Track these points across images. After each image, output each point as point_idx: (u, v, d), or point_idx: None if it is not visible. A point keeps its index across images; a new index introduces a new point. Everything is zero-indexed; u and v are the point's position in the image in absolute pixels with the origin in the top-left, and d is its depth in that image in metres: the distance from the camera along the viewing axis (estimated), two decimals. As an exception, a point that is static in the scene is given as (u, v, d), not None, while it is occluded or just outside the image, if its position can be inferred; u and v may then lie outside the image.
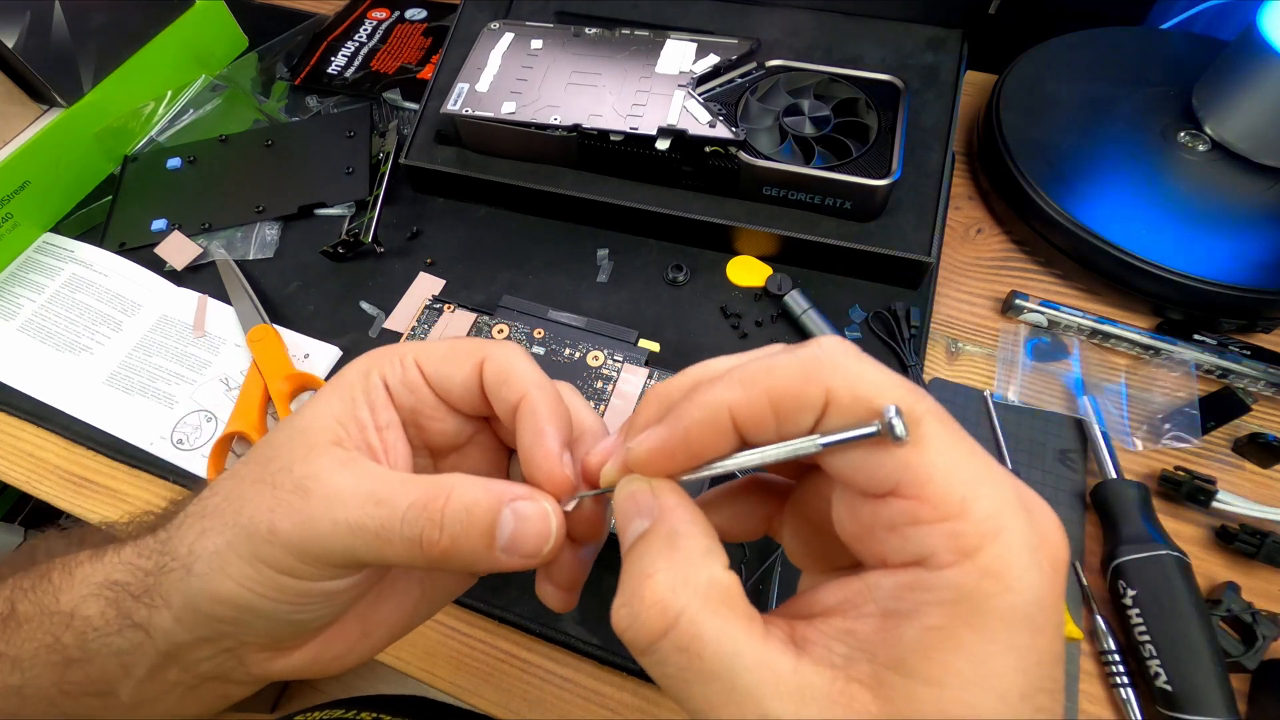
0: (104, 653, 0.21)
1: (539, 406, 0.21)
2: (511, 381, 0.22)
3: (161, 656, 0.21)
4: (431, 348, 0.23)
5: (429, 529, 0.19)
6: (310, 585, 0.20)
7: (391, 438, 0.22)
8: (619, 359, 0.43)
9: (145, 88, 0.58)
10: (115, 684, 0.22)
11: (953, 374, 0.46)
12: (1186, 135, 0.49)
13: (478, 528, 0.19)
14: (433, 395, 0.23)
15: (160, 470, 0.44)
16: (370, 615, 0.23)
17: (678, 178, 0.49)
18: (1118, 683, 0.35)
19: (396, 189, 0.55)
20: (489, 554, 0.19)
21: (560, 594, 0.22)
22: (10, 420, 0.47)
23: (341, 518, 0.19)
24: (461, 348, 0.23)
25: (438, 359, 0.23)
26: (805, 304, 0.46)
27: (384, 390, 0.22)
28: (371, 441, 0.21)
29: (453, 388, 0.23)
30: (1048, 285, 0.50)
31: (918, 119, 0.49)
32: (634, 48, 0.51)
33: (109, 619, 0.21)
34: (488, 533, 0.19)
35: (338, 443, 0.21)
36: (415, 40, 0.65)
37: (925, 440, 0.15)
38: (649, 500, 0.18)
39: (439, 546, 0.19)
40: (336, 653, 0.23)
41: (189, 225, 0.54)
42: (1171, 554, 0.36)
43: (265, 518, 0.19)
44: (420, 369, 0.23)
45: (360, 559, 0.20)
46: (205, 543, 0.20)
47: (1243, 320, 0.45)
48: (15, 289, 0.52)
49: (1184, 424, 0.42)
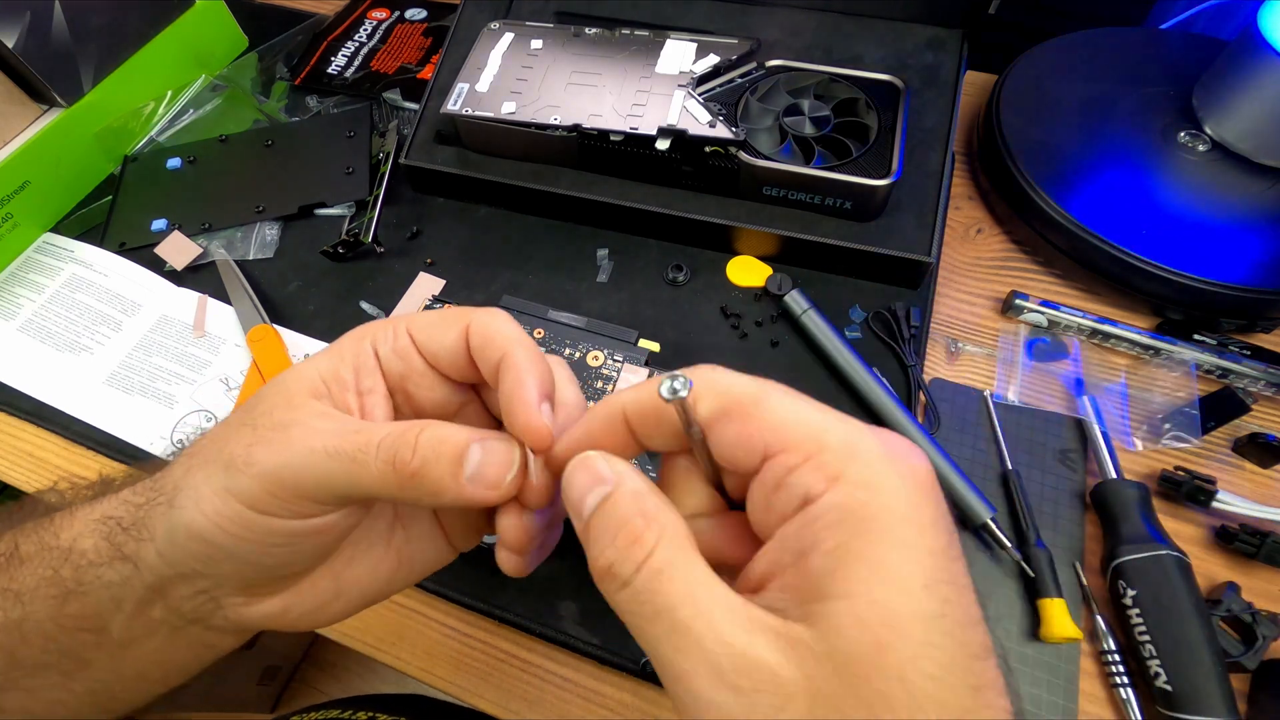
0: (97, 585, 0.22)
1: (520, 360, 0.22)
2: (495, 341, 0.22)
3: (148, 590, 0.22)
4: (422, 316, 0.24)
5: (403, 449, 0.20)
6: (276, 523, 0.21)
7: (371, 403, 0.23)
8: (619, 359, 0.43)
9: (145, 88, 0.58)
10: (107, 619, 0.22)
11: (953, 374, 0.46)
12: (1186, 135, 0.49)
13: (447, 455, 0.20)
14: (422, 362, 0.23)
15: (160, 470, 0.44)
16: (343, 573, 0.24)
17: (678, 178, 0.49)
18: (1118, 683, 0.35)
19: (396, 189, 0.55)
20: (455, 482, 0.20)
21: (513, 557, 0.23)
22: (10, 420, 0.47)
23: (319, 444, 0.20)
24: (449, 314, 0.24)
25: (427, 325, 0.23)
26: (805, 304, 0.46)
27: (373, 356, 0.23)
28: (350, 403, 0.22)
29: (441, 352, 0.23)
30: (1048, 285, 0.50)
31: (918, 119, 0.49)
32: (634, 48, 0.51)
33: (101, 551, 0.22)
34: (456, 459, 0.20)
35: (318, 397, 0.22)
36: (415, 40, 0.65)
37: (776, 406, 0.18)
38: (606, 468, 0.19)
39: (409, 468, 0.20)
40: (307, 607, 0.23)
41: (189, 225, 0.54)
42: (1171, 554, 0.36)
43: (243, 451, 0.21)
44: (411, 336, 0.23)
45: (334, 488, 0.20)
46: (187, 478, 0.21)
47: (1243, 320, 0.45)
48: (15, 289, 0.52)
49: (1184, 424, 0.42)
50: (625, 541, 0.17)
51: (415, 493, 0.20)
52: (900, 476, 0.16)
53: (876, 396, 0.42)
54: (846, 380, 0.44)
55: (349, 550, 0.24)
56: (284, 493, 0.20)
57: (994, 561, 0.39)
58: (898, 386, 0.44)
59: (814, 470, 0.17)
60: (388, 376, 0.24)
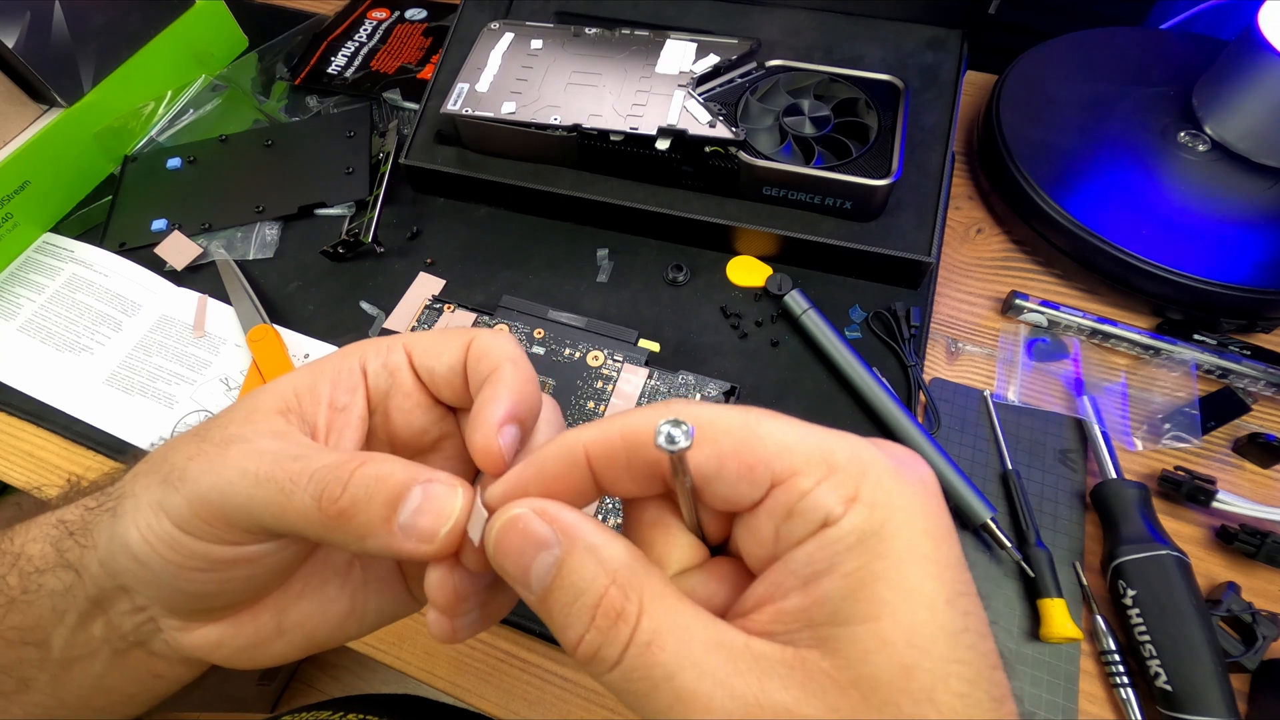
0: (40, 593, 0.21)
1: (504, 374, 0.20)
2: (490, 355, 0.21)
3: (89, 602, 0.21)
4: (424, 334, 0.23)
5: (333, 484, 0.18)
6: (200, 546, 0.19)
7: (343, 420, 0.22)
8: (619, 359, 0.43)
9: (145, 88, 0.58)
10: (49, 631, 0.21)
11: (953, 374, 0.46)
12: (1186, 135, 0.49)
13: (382, 495, 0.18)
14: (413, 379, 0.22)
15: (160, 470, 0.44)
16: (288, 610, 0.22)
17: (678, 178, 0.49)
18: (1118, 683, 0.35)
19: (396, 189, 0.55)
20: (385, 527, 0.18)
21: (441, 619, 0.19)
22: (10, 420, 0.47)
23: (251, 467, 0.18)
24: (453, 331, 0.22)
25: (427, 342, 0.22)
26: (805, 304, 0.46)
27: (358, 372, 0.22)
28: (318, 420, 0.21)
29: (438, 368, 0.22)
30: (1048, 285, 0.50)
31: (918, 119, 0.49)
32: (634, 48, 0.51)
33: (47, 557, 0.21)
34: (390, 503, 0.18)
35: (282, 412, 0.20)
36: (415, 40, 0.65)
37: (774, 431, 0.16)
38: (546, 529, 0.16)
39: (336, 506, 0.17)
40: (244, 642, 0.21)
41: (189, 225, 0.54)
42: (1171, 554, 0.36)
43: (181, 464, 0.19)
44: (408, 352, 0.22)
45: (258, 517, 0.18)
46: (133, 484, 0.20)
47: (1243, 320, 0.45)
48: (15, 289, 0.52)
49: (1184, 424, 0.42)
50: (605, 622, 0.15)
51: (341, 535, 0.18)
52: (912, 490, 0.16)
53: (876, 396, 0.42)
54: (846, 380, 0.44)
55: (298, 585, 0.22)
56: (209, 515, 0.19)
57: (994, 561, 0.39)
58: (898, 386, 0.44)
59: (830, 491, 0.15)
60: (372, 394, 0.22)
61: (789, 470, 0.16)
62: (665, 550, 0.18)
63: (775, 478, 0.16)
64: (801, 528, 0.16)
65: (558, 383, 0.42)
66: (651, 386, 0.42)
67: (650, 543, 0.19)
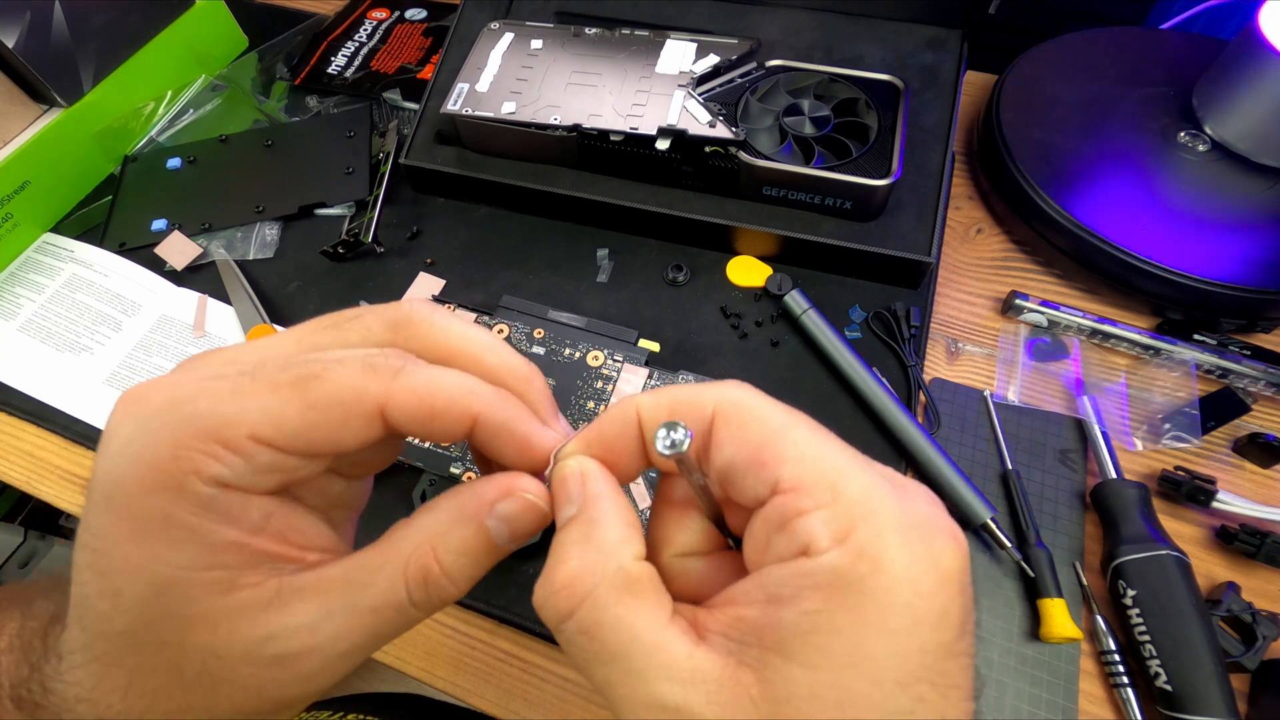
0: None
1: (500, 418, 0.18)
2: (441, 415, 0.17)
3: None
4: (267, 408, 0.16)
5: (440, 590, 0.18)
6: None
7: (283, 523, 0.17)
8: (619, 359, 0.43)
9: (145, 88, 0.58)
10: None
11: (953, 374, 0.46)
12: (1186, 135, 0.49)
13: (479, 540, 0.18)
14: (301, 459, 0.17)
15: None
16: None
17: (678, 178, 0.49)
18: (1118, 683, 0.35)
19: (396, 189, 0.55)
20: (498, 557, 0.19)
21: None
22: (10, 420, 0.47)
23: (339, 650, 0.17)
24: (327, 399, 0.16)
25: (295, 425, 0.16)
26: (805, 304, 0.46)
27: (231, 493, 0.16)
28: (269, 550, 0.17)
29: (335, 449, 0.17)
30: (1048, 285, 0.50)
31: (918, 119, 0.49)
32: (634, 48, 0.51)
33: None
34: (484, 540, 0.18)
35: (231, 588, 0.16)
36: (415, 40, 0.65)
37: (800, 439, 0.16)
38: (578, 486, 0.18)
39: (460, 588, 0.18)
40: None
41: (189, 225, 0.54)
42: (1171, 554, 0.36)
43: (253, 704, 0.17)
44: (269, 444, 0.16)
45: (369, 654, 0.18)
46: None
47: (1243, 320, 0.45)
48: (15, 289, 0.52)
49: (1184, 424, 0.42)
50: (562, 581, 0.16)
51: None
52: (914, 556, 0.15)
53: (876, 397, 0.42)
54: (846, 380, 0.44)
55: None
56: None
57: (994, 561, 0.39)
58: (898, 386, 0.44)
59: (822, 523, 0.15)
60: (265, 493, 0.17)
61: (794, 483, 0.16)
62: (675, 531, 0.19)
63: (780, 485, 0.16)
64: (786, 546, 0.16)
65: (558, 383, 0.42)
66: (651, 387, 0.42)
67: (666, 520, 0.19)
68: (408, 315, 0.19)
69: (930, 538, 0.15)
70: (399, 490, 0.41)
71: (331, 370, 0.17)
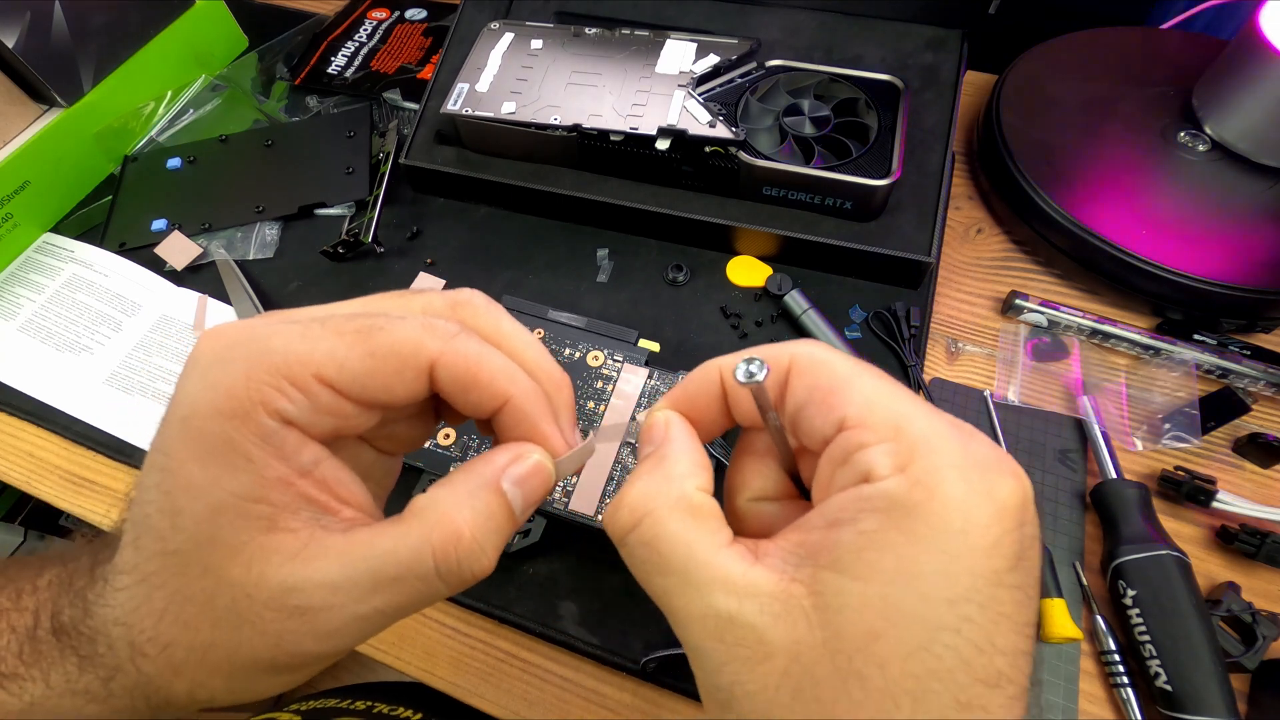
0: None
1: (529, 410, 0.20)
2: (482, 385, 0.19)
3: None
4: (334, 350, 0.18)
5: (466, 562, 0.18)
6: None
7: (329, 472, 0.19)
8: (619, 359, 0.43)
9: (145, 88, 0.58)
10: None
11: (953, 374, 0.46)
12: (1186, 135, 0.49)
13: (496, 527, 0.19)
14: (358, 408, 0.19)
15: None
16: None
17: (678, 178, 0.49)
18: (1118, 683, 0.35)
19: (396, 189, 0.55)
20: (515, 526, 0.20)
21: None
22: (10, 420, 0.47)
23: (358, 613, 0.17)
24: (387, 348, 0.18)
25: (356, 370, 0.18)
26: (805, 304, 0.46)
27: (289, 429, 0.17)
28: (311, 495, 0.18)
29: (387, 399, 0.19)
30: (1048, 285, 0.50)
31: (918, 119, 0.49)
32: (634, 48, 0.51)
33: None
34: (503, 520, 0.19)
35: (271, 526, 0.17)
36: (415, 40, 0.65)
37: (866, 384, 0.17)
38: (661, 432, 0.20)
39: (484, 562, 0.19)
40: None
41: (189, 225, 0.54)
42: (1171, 554, 0.36)
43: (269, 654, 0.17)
44: (331, 385, 0.18)
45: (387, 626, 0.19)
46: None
47: (1243, 320, 0.45)
48: (15, 289, 0.52)
49: (1184, 424, 0.42)
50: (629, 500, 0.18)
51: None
52: (971, 489, 0.15)
53: (876, 396, 0.42)
54: (846, 380, 0.44)
55: None
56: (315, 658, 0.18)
57: (994, 561, 0.39)
58: (898, 386, 0.44)
59: (883, 454, 0.16)
60: (318, 438, 0.18)
61: (858, 420, 0.17)
62: (751, 477, 0.21)
63: (845, 422, 0.17)
64: (847, 477, 0.17)
65: (558, 383, 0.42)
66: (652, 386, 0.42)
67: (743, 468, 0.21)
68: (468, 299, 0.21)
69: (989, 474, 0.16)
70: (399, 490, 0.41)
71: (394, 324, 0.18)
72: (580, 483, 0.39)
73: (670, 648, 0.36)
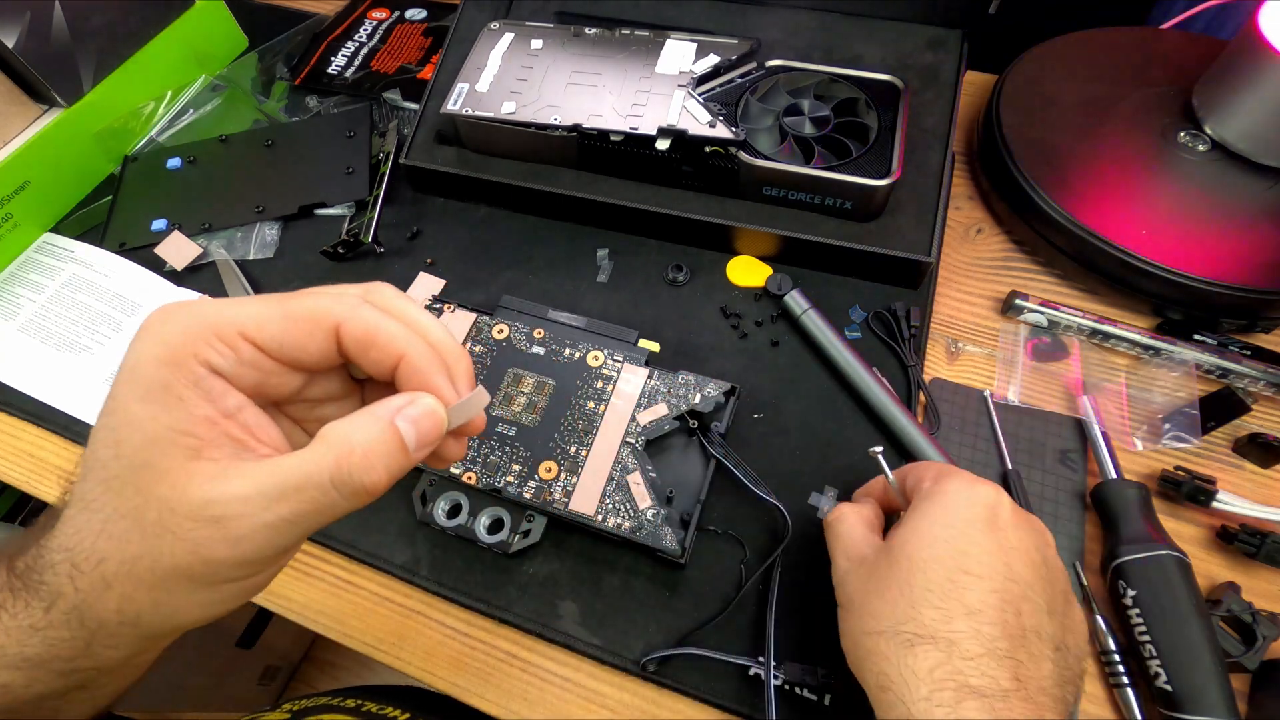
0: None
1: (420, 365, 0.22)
2: (380, 344, 0.22)
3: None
4: (256, 313, 0.21)
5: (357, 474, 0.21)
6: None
7: (251, 418, 0.22)
8: (619, 359, 0.43)
9: (145, 88, 0.58)
10: None
11: (953, 374, 0.46)
12: (1186, 135, 0.49)
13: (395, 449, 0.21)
14: (277, 365, 0.22)
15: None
16: None
17: (678, 178, 0.49)
18: (1118, 683, 0.35)
19: (396, 189, 0.55)
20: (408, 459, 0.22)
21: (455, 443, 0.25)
22: (10, 420, 0.47)
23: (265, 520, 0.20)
24: (300, 311, 0.22)
25: (274, 330, 0.22)
26: (805, 304, 0.46)
27: (216, 378, 0.21)
28: (233, 434, 0.21)
29: (302, 357, 0.22)
30: (1048, 285, 0.50)
31: (918, 119, 0.49)
32: (634, 48, 0.51)
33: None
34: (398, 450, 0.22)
35: (196, 455, 0.20)
36: (415, 40, 0.65)
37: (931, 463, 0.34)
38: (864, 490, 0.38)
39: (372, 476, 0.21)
40: None
41: (189, 225, 0.54)
42: (1171, 554, 0.36)
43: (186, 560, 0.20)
44: (253, 342, 0.21)
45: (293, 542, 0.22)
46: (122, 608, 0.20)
47: (1243, 320, 0.45)
48: (15, 289, 0.52)
49: (1184, 424, 0.42)
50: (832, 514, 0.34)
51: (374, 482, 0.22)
52: (963, 488, 0.30)
53: (876, 397, 0.42)
54: (846, 380, 0.44)
55: None
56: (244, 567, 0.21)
57: (994, 561, 0.39)
58: (898, 387, 0.44)
59: (929, 482, 0.31)
60: (243, 389, 0.22)
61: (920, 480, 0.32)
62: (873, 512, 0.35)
63: (918, 483, 0.32)
64: (917, 495, 0.31)
65: (558, 383, 0.42)
66: (651, 386, 0.42)
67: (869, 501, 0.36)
68: (379, 286, 0.24)
69: (975, 484, 0.30)
70: (399, 490, 0.41)
71: (308, 295, 0.22)
72: (580, 483, 0.39)
73: (670, 648, 0.36)
